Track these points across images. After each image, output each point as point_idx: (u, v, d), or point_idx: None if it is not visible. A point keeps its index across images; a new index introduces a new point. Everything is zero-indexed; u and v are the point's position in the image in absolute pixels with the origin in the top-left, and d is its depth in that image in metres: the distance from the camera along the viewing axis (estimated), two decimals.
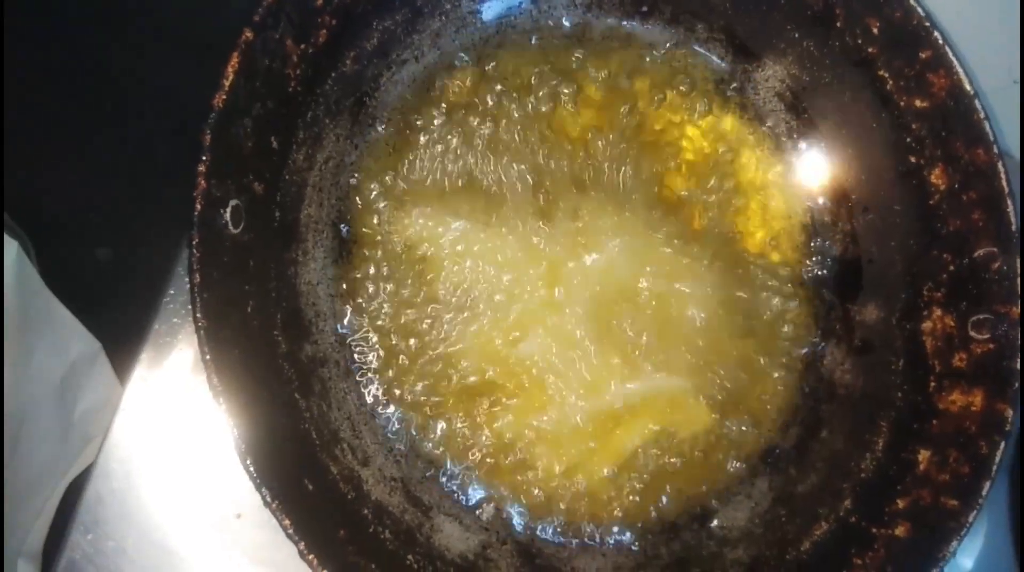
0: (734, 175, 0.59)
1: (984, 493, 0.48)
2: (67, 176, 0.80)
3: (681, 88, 0.60)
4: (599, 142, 0.59)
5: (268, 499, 0.41)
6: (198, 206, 0.42)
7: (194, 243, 0.42)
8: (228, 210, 0.44)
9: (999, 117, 0.54)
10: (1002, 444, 0.48)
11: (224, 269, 0.44)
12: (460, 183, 0.57)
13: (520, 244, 0.57)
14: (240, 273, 0.46)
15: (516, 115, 0.58)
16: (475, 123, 0.58)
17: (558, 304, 0.56)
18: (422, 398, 0.56)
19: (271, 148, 0.49)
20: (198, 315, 0.41)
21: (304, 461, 0.48)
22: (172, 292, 0.61)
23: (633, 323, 0.56)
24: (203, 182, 0.42)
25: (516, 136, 0.58)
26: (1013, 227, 0.49)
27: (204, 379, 0.42)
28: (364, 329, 0.56)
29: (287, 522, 0.41)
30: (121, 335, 0.67)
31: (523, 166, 0.58)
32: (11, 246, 0.67)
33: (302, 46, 0.49)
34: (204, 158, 0.42)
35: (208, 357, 0.41)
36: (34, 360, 0.69)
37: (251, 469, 0.41)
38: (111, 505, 0.59)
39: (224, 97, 0.43)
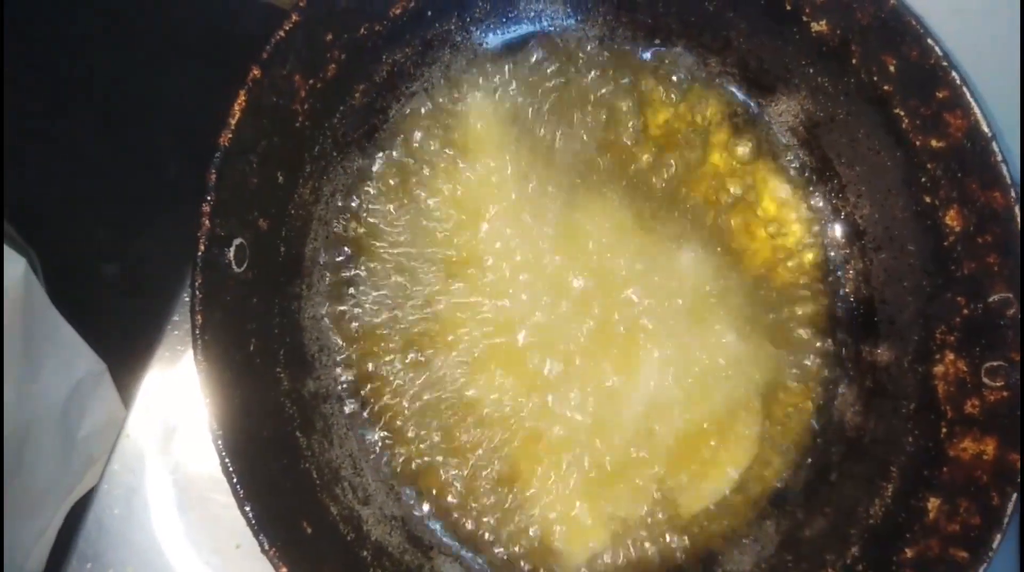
0: (746, 211, 0.58)
1: (995, 546, 0.47)
2: (76, 192, 0.80)
3: (694, 121, 0.59)
4: (611, 170, 0.58)
5: (265, 546, 0.40)
6: (201, 247, 0.41)
7: (196, 284, 0.41)
8: (232, 249, 0.44)
9: (1017, 152, 0.53)
10: (1014, 495, 0.47)
11: (226, 308, 0.44)
12: (465, 216, 0.57)
13: (518, 278, 0.56)
14: (243, 311, 0.46)
15: (528, 147, 0.58)
16: (486, 155, 0.57)
17: (577, 344, 0.56)
18: (429, 433, 0.55)
19: (277, 183, 0.49)
20: (199, 357, 0.41)
21: (303, 502, 0.48)
22: (176, 318, 0.60)
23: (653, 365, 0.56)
24: (207, 222, 0.41)
25: (530, 167, 0.57)
26: None
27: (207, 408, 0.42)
28: (369, 362, 0.55)
29: (284, 570, 0.40)
30: (126, 357, 0.67)
31: (536, 194, 0.57)
32: (19, 263, 0.67)
33: (311, 81, 0.49)
34: (208, 198, 0.42)
35: (208, 400, 0.40)
36: (39, 379, 0.69)
37: (249, 515, 0.41)
38: (111, 531, 0.59)
39: (230, 136, 0.43)
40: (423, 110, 0.57)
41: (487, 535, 0.54)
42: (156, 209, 0.78)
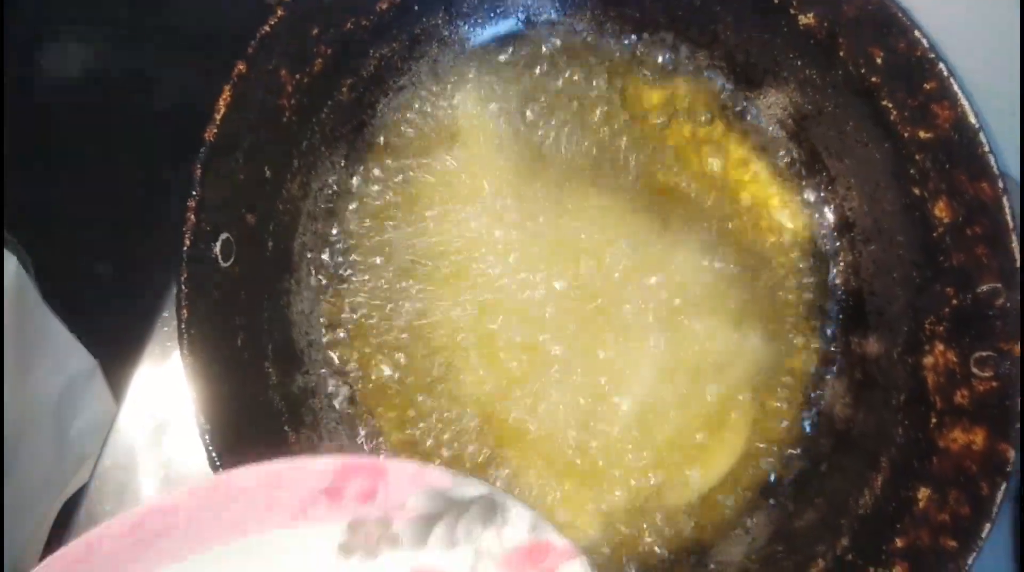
0: (734, 205, 0.58)
1: (984, 535, 0.47)
2: (67, 190, 0.81)
3: (681, 115, 0.59)
4: (601, 166, 0.58)
5: None
6: (187, 242, 0.41)
7: (182, 279, 0.41)
8: (218, 244, 0.44)
9: (1004, 140, 0.53)
10: (1003, 485, 0.47)
11: (213, 303, 0.44)
12: (454, 212, 0.57)
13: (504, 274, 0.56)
14: (230, 306, 0.46)
15: (517, 142, 0.58)
16: (474, 151, 0.57)
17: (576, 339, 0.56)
18: (418, 428, 0.55)
19: (264, 178, 0.49)
20: (185, 352, 0.41)
21: None
22: (166, 314, 0.61)
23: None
24: (192, 217, 0.42)
25: (517, 161, 0.57)
26: (1017, 264, 0.48)
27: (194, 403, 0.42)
28: (359, 357, 0.55)
29: None
30: (117, 353, 0.67)
31: (526, 189, 0.57)
32: (10, 261, 0.67)
33: (297, 75, 0.49)
34: (194, 193, 0.42)
35: (195, 395, 0.40)
36: (31, 377, 0.69)
37: None
38: None
39: (216, 131, 0.43)
40: (411, 105, 0.57)
41: None
42: (149, 207, 0.78)
